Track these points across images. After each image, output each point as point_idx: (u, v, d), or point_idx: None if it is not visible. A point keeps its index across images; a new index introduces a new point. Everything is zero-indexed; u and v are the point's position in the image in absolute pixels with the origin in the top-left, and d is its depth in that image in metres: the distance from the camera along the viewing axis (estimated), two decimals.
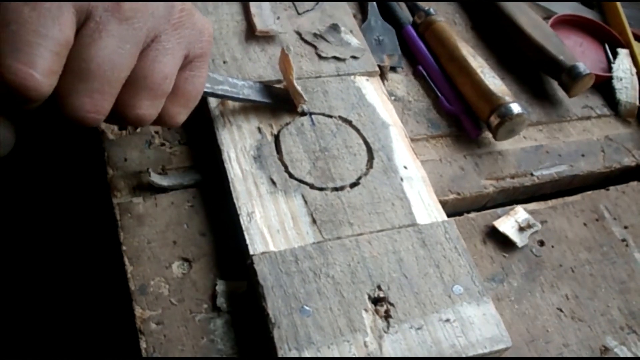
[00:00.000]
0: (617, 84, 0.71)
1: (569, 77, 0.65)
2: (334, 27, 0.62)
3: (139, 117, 0.40)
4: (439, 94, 0.64)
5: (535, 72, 0.71)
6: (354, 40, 0.62)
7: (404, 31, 0.69)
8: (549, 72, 0.68)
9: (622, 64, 0.73)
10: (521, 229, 0.53)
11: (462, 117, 0.62)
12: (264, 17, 0.60)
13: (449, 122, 0.62)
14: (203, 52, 0.43)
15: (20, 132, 0.39)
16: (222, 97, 0.51)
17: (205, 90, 0.48)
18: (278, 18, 0.61)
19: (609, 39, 0.77)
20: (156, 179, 0.49)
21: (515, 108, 0.58)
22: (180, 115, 0.43)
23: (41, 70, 0.33)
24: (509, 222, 0.54)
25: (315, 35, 0.62)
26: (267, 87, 0.54)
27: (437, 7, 0.73)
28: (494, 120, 0.59)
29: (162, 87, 0.40)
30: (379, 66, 0.62)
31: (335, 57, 0.60)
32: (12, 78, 0.33)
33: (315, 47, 0.61)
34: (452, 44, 0.65)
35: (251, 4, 0.61)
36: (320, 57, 0.60)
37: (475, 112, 0.61)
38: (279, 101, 0.54)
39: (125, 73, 0.37)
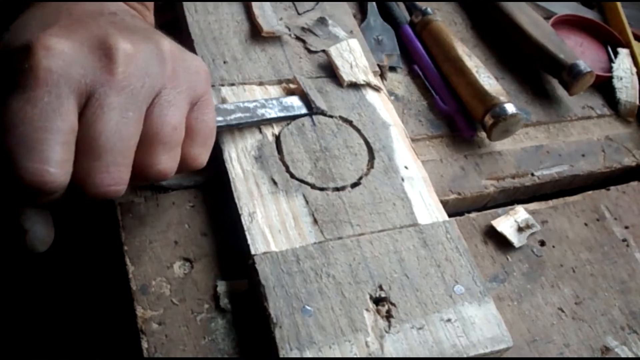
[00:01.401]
0: (617, 84, 0.71)
1: (570, 75, 0.65)
2: (322, 20, 0.63)
3: (161, 172, 0.40)
4: (434, 94, 0.64)
5: (536, 71, 0.71)
6: (342, 32, 0.63)
7: (401, 30, 0.69)
8: (549, 71, 0.68)
9: (623, 63, 0.73)
10: (520, 229, 0.53)
11: (456, 117, 0.62)
12: (267, 17, 0.60)
13: (449, 122, 0.62)
14: (204, 90, 0.43)
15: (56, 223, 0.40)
16: (238, 126, 0.51)
17: (219, 124, 0.48)
18: (281, 19, 0.61)
19: (609, 39, 0.77)
20: None
21: (510, 108, 0.58)
22: (202, 155, 0.44)
23: (54, 163, 0.34)
24: (508, 222, 0.54)
25: (303, 29, 0.62)
26: (280, 101, 0.54)
27: (437, 7, 0.74)
28: (488, 120, 0.59)
29: (174, 137, 0.40)
30: (379, 66, 0.62)
31: (324, 51, 0.60)
32: (29, 178, 0.34)
33: (304, 42, 0.61)
34: (448, 44, 0.65)
35: (253, 4, 0.61)
36: (309, 51, 0.60)
37: (470, 112, 0.61)
38: (295, 111, 0.54)
39: (135, 140, 0.38)
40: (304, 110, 0.54)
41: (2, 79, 0.36)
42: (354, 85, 0.58)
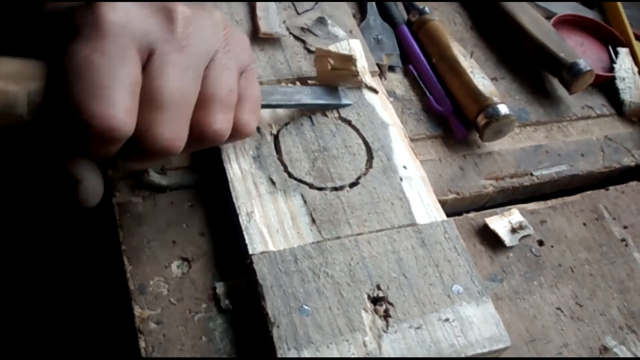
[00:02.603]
0: (620, 84, 0.71)
1: (570, 74, 0.65)
2: (321, 20, 0.63)
3: (218, 132, 0.41)
4: (428, 94, 0.64)
5: (536, 71, 0.71)
6: (341, 32, 0.63)
7: (398, 30, 0.69)
8: (549, 69, 0.68)
9: (624, 63, 0.72)
10: (513, 230, 0.53)
11: (449, 118, 0.62)
12: (270, 20, 0.60)
13: (447, 123, 0.62)
14: (250, 60, 0.46)
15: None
16: (277, 107, 0.52)
17: (262, 103, 0.49)
18: (284, 22, 0.61)
19: (610, 38, 0.77)
20: (156, 178, 0.49)
21: (503, 109, 0.58)
22: (252, 122, 0.45)
23: (121, 110, 0.35)
24: (502, 222, 0.54)
25: (302, 29, 0.62)
26: (313, 89, 0.55)
27: (437, 7, 0.74)
28: (481, 120, 0.59)
29: (230, 99, 0.42)
30: (378, 65, 0.62)
31: None
32: (97, 122, 0.35)
33: (304, 42, 0.61)
34: (444, 44, 0.64)
35: (258, 6, 0.61)
36: (309, 51, 0.60)
37: (464, 112, 0.61)
38: (329, 100, 0.55)
39: (194, 98, 0.39)
40: (336, 100, 0.55)
41: (59, 32, 0.36)
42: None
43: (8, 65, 0.35)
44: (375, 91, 0.58)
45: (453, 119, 0.61)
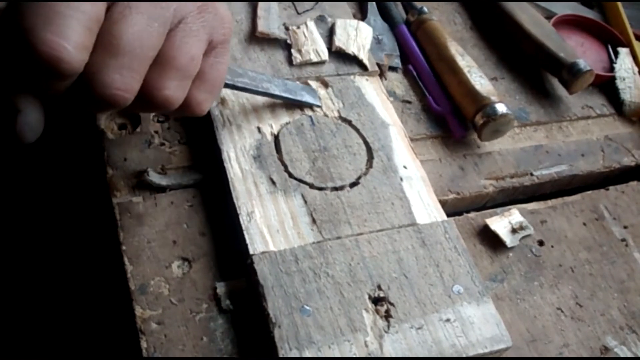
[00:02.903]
0: (620, 84, 0.71)
1: (570, 73, 0.65)
2: (320, 18, 0.63)
3: (167, 99, 0.40)
4: (427, 94, 0.63)
5: (536, 71, 0.71)
6: None
7: (397, 30, 0.69)
8: (549, 69, 0.68)
9: (624, 63, 0.72)
10: (514, 231, 0.53)
11: (448, 117, 0.62)
12: (270, 20, 0.60)
13: (446, 122, 0.62)
14: (225, 38, 0.44)
15: (48, 121, 0.39)
16: (242, 90, 0.51)
17: (226, 82, 0.48)
18: (283, 24, 0.61)
19: (611, 39, 0.77)
20: (155, 178, 0.49)
21: (500, 108, 0.58)
22: (206, 102, 0.44)
23: (73, 43, 0.34)
24: (502, 223, 0.54)
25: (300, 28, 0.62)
26: (285, 82, 0.54)
27: (437, 7, 0.74)
28: (478, 120, 0.58)
29: (189, 68, 0.40)
30: (378, 65, 0.62)
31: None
32: (44, 49, 0.33)
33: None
34: (442, 43, 0.64)
35: (260, 5, 0.61)
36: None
37: (462, 111, 0.61)
38: (297, 96, 0.54)
39: (153, 52, 0.38)
40: (305, 98, 0.55)
41: None
42: (342, 57, 0.60)
43: None
44: (366, 68, 0.60)
45: (451, 119, 0.61)
